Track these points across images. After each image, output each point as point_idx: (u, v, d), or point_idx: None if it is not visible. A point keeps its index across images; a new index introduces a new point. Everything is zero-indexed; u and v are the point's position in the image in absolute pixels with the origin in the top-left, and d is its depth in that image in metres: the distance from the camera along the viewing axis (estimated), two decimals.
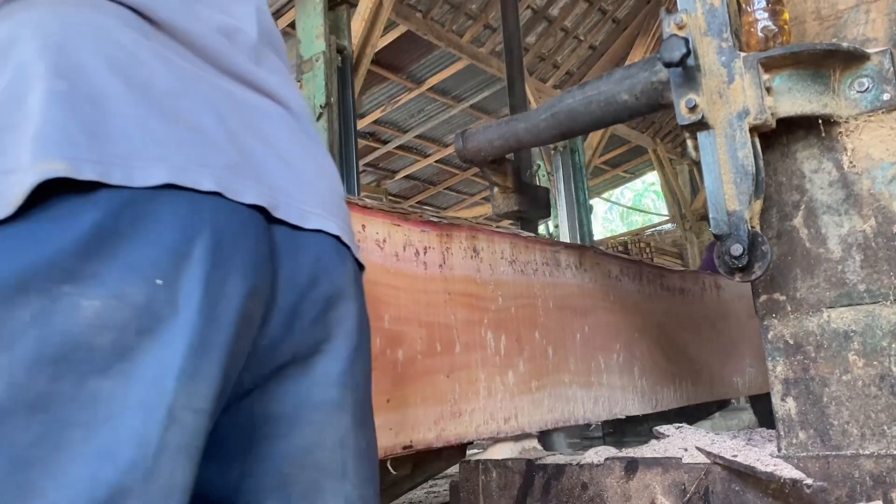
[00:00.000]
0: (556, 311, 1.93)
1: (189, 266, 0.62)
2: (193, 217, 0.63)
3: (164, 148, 0.64)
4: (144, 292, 0.59)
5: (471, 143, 1.72)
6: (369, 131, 9.72)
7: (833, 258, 1.34)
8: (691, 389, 2.59)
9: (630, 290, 2.34)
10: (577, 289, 2.06)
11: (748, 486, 1.35)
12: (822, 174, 1.36)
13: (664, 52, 1.23)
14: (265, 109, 0.80)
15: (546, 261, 1.94)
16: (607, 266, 2.23)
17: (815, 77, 1.29)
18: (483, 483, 1.69)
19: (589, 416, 2.00)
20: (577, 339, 2.01)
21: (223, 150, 0.69)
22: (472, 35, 7.86)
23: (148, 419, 0.58)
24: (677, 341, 2.56)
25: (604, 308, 2.17)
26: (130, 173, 0.61)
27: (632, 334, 2.29)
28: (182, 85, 0.70)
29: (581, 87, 1.47)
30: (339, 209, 0.83)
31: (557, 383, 1.89)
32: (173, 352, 0.60)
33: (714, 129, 1.29)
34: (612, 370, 2.14)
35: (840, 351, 1.32)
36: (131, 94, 0.65)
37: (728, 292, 3.13)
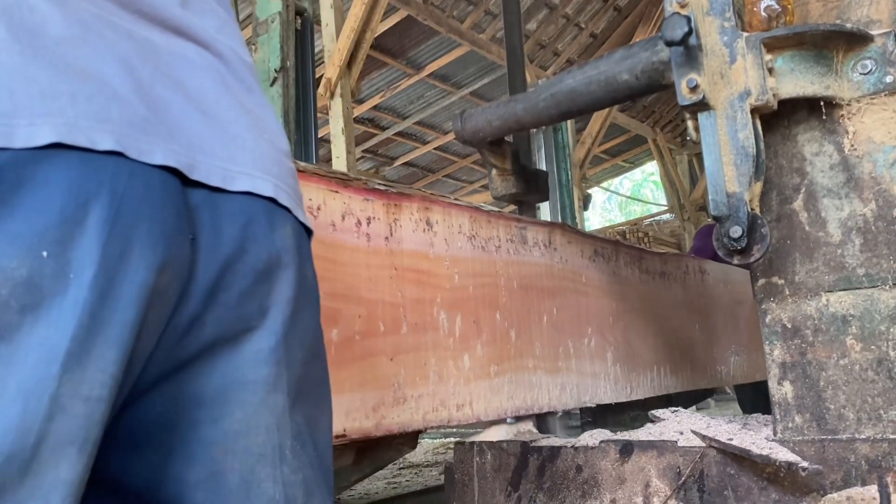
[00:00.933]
0: (520, 291, 1.81)
1: (81, 236, 0.55)
2: (87, 180, 0.56)
3: (53, 102, 0.56)
4: (28, 265, 0.52)
5: (469, 124, 1.70)
6: (368, 117, 9.69)
7: (832, 242, 1.33)
8: (670, 378, 2.50)
9: (605, 272, 2.22)
10: (545, 268, 1.93)
11: (743, 469, 1.35)
12: (822, 157, 1.35)
13: (666, 31, 1.22)
14: (188, 57, 0.72)
15: (511, 237, 1.82)
16: (580, 246, 2.12)
17: (817, 58, 1.28)
18: (478, 465, 1.69)
19: (555, 403, 1.88)
20: (543, 322, 1.88)
21: (128, 103, 0.61)
22: (473, 21, 7.83)
23: (28, 409, 0.51)
24: (656, 327, 2.46)
25: (575, 290, 2.06)
26: (11, 132, 0.54)
27: (605, 318, 2.18)
28: (81, 31, 0.62)
29: (581, 67, 1.46)
30: (278, 167, 0.75)
31: (520, 368, 1.77)
32: (59, 332, 0.53)
33: (715, 110, 1.27)
34: (582, 356, 2.03)
35: (838, 335, 1.31)
36: (16, 42, 0.57)
37: (713, 277, 3.01)
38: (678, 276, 2.68)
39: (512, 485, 1.63)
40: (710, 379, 2.83)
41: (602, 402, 2.07)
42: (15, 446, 0.51)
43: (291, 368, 0.71)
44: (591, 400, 2.03)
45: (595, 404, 2.05)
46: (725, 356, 2.96)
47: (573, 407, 1.98)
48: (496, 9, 7.96)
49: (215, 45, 0.76)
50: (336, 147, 5.59)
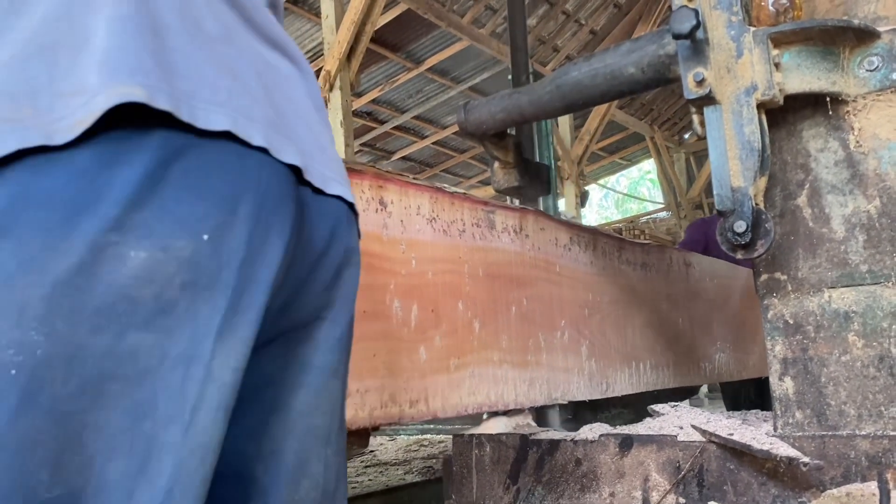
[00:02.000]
0: (486, 279, 1.70)
1: (235, 223, 0.60)
2: (242, 173, 0.61)
3: (219, 93, 0.61)
4: (191, 247, 0.57)
5: (473, 115, 1.70)
6: (367, 111, 9.67)
7: (836, 238, 1.33)
8: (650, 374, 2.39)
9: (581, 262, 2.09)
10: (515, 256, 1.81)
11: (743, 464, 1.35)
12: (827, 153, 1.35)
13: (674, 24, 1.21)
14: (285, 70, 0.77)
15: (477, 221, 1.70)
16: (554, 233, 1.99)
17: (824, 54, 1.28)
18: (476, 457, 1.69)
19: (522, 400, 1.77)
20: (511, 313, 1.77)
21: (264, 106, 0.66)
22: (473, 16, 7.81)
23: (187, 375, 0.57)
24: (635, 321, 2.35)
25: (548, 280, 1.93)
26: (195, 113, 0.58)
27: (580, 310, 2.06)
28: (226, 32, 0.67)
29: (587, 59, 1.46)
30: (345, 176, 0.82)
31: (484, 362, 1.66)
32: (214, 309, 0.59)
33: (721, 105, 1.27)
34: (553, 349, 1.91)
35: (840, 331, 1.31)
36: (186, 32, 0.61)
37: (699, 271, 2.90)
38: (661, 268, 2.57)
39: (511, 477, 1.63)
40: (694, 376, 2.72)
41: (575, 398, 1.98)
42: (177, 409, 0.56)
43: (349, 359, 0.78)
44: (563, 396, 1.93)
45: (567, 401, 1.96)
46: (711, 352, 2.87)
47: (543, 403, 1.87)
48: (496, 4, 7.94)
49: (302, 63, 0.81)
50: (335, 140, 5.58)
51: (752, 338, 3.23)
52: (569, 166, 8.77)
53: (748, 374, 3.20)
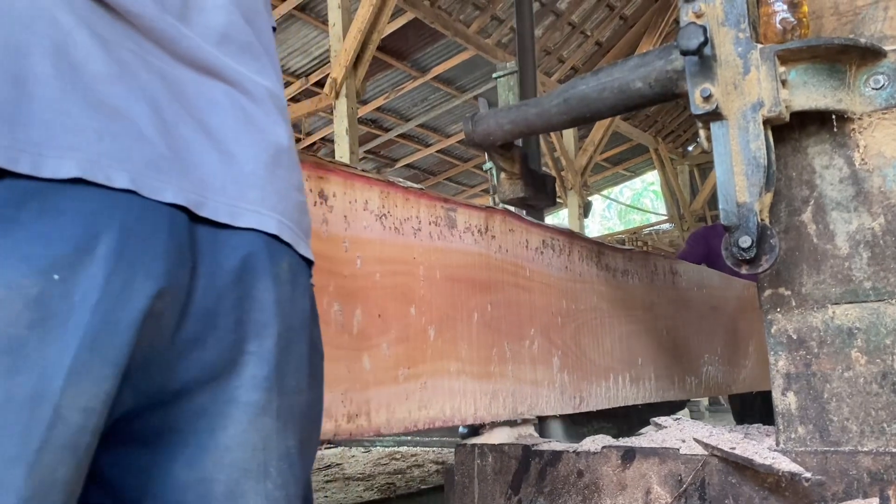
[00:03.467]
0: (445, 283, 1.58)
1: (90, 265, 0.60)
2: (101, 214, 0.61)
3: (81, 137, 0.61)
4: (39, 285, 0.57)
5: (480, 126, 1.71)
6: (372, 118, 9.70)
7: (840, 255, 1.34)
8: (629, 388, 2.25)
9: (555, 266, 1.96)
10: (479, 258, 1.68)
11: (745, 478, 1.35)
12: (832, 170, 1.35)
13: (682, 40, 1.22)
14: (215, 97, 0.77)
15: (435, 220, 1.57)
16: (524, 235, 1.86)
17: (830, 72, 1.29)
18: (478, 467, 1.69)
19: (483, 414, 1.64)
20: (473, 320, 1.64)
21: (149, 143, 0.66)
22: (479, 25, 7.85)
23: (33, 416, 0.57)
24: (615, 331, 2.22)
25: (516, 285, 1.80)
26: (39, 162, 0.59)
27: (552, 319, 1.92)
28: (118, 69, 0.66)
29: (595, 73, 1.47)
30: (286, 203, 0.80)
31: (439, 373, 1.53)
32: (64, 349, 0.58)
33: (727, 120, 1.28)
34: (521, 360, 1.78)
35: (843, 347, 1.32)
36: (59, 76, 0.62)
37: (686, 280, 2.74)
38: (644, 275, 2.43)
39: (512, 488, 1.63)
40: (679, 390, 2.58)
41: (544, 413, 1.85)
42: (22, 449, 0.56)
43: (283, 395, 0.77)
44: (530, 411, 1.80)
45: (534, 416, 1.82)
46: (697, 366, 2.72)
47: (507, 418, 1.74)
48: (503, 14, 7.98)
49: (244, 83, 0.80)
50: (339, 147, 5.60)
51: (743, 351, 3.14)
52: (572, 177, 8.79)
53: (738, 389, 3.12)
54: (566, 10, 8.48)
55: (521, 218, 1.87)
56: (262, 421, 0.75)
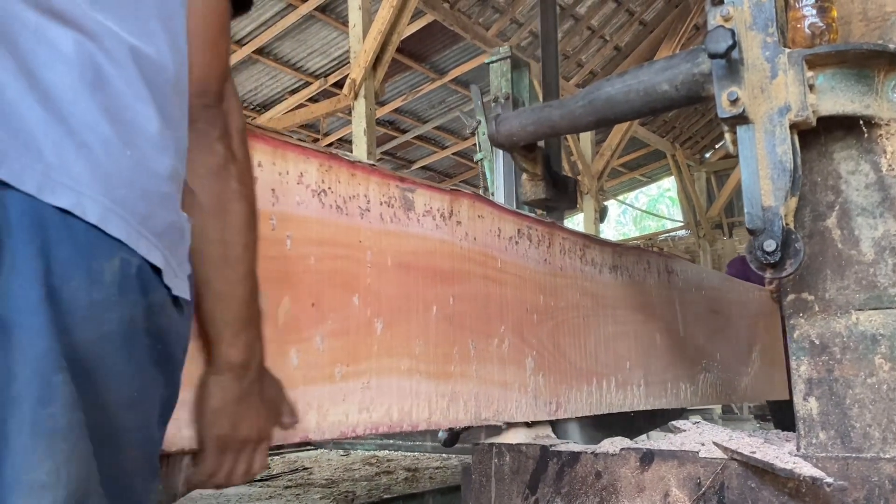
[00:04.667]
0: (398, 271, 1.43)
1: None
2: None
3: None
4: None
5: (504, 126, 1.72)
6: (389, 120, 9.73)
7: (865, 260, 1.33)
8: (615, 393, 2.07)
9: (531, 258, 1.80)
10: (441, 245, 1.53)
11: (765, 483, 1.35)
12: (858, 176, 1.35)
13: (710, 43, 1.23)
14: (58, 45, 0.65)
15: (388, 200, 1.42)
16: (497, 222, 1.70)
17: (858, 77, 1.29)
18: (496, 466, 1.70)
19: (438, 418, 1.48)
20: (432, 314, 1.49)
21: None
22: (499, 28, 7.85)
23: None
24: (600, 331, 2.05)
25: (485, 276, 1.64)
26: None
27: (527, 315, 1.77)
28: None
29: (621, 75, 1.47)
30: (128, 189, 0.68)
31: (387, 371, 1.38)
32: None
33: (754, 124, 1.28)
34: (488, 360, 1.63)
35: (866, 353, 1.31)
36: None
37: (683, 279, 2.53)
38: (636, 272, 2.26)
39: (530, 488, 1.64)
40: (671, 398, 2.37)
41: (514, 419, 1.70)
42: None
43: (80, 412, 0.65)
44: (497, 417, 1.64)
45: (502, 422, 1.67)
46: (693, 372, 2.52)
47: (468, 424, 1.59)
48: (522, 17, 7.98)
49: (103, 39, 0.69)
50: (357, 148, 5.63)
51: (746, 358, 2.99)
52: (589, 181, 8.77)
53: (738, 399, 3.01)
54: (586, 15, 8.47)
55: (492, 203, 1.72)
56: None
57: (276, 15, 7.30)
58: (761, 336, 3.20)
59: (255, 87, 8.46)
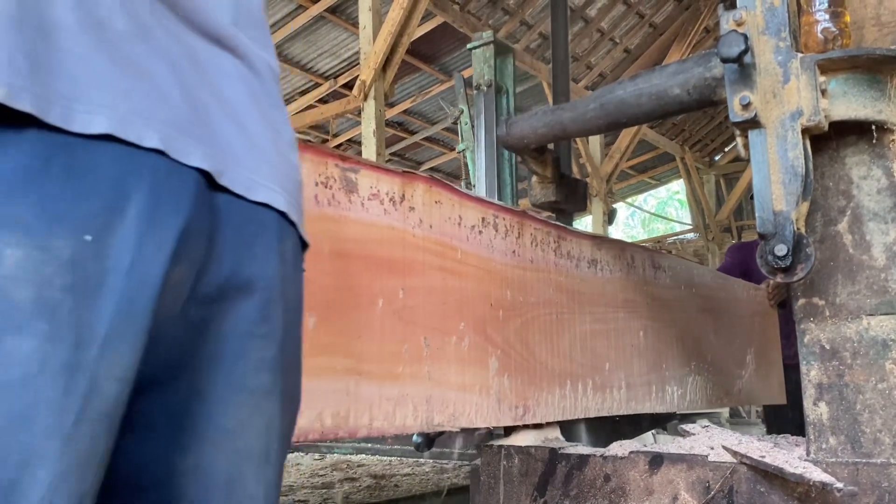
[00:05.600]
0: (336, 260, 1.32)
1: (121, 225, 0.57)
2: (132, 174, 0.58)
3: (110, 94, 0.58)
4: (72, 246, 0.54)
5: (514, 129, 1.72)
6: (398, 121, 9.75)
7: (876, 266, 1.33)
8: (592, 397, 1.94)
9: (497, 250, 1.67)
10: (389, 233, 1.43)
11: (774, 487, 1.35)
12: (870, 181, 1.35)
13: (722, 48, 1.23)
14: (226, 68, 0.74)
15: (325, 181, 1.32)
16: (457, 209, 1.59)
17: (871, 82, 1.29)
18: (504, 468, 1.70)
19: (382, 424, 1.37)
20: (377, 308, 1.39)
21: (174, 104, 0.64)
22: (508, 30, 7.86)
23: (69, 385, 0.53)
24: (575, 329, 1.92)
25: (442, 268, 1.52)
26: (70, 115, 0.55)
27: (492, 312, 1.64)
28: (139, 29, 0.64)
29: (632, 78, 1.48)
30: (291, 183, 0.78)
31: (319, 372, 1.29)
32: (99, 316, 0.55)
33: (766, 129, 1.28)
34: (445, 359, 1.51)
35: (877, 359, 1.31)
36: (84, 31, 0.59)
37: (671, 276, 2.37)
38: (618, 267, 2.12)
39: (538, 490, 1.64)
40: (657, 401, 2.24)
41: (473, 424, 1.58)
42: (58, 420, 0.53)
43: (286, 376, 0.75)
44: (453, 422, 1.52)
45: (458, 428, 1.56)
46: (681, 374, 2.38)
47: (419, 430, 1.48)
48: (532, 20, 7.98)
49: (251, 57, 0.77)
50: (366, 149, 5.64)
51: (740, 360, 2.88)
52: (597, 184, 8.77)
53: (731, 403, 2.83)
54: (595, 17, 8.46)
55: (451, 188, 1.60)
56: (268, 404, 0.72)
57: (286, 16, 7.33)
58: (757, 337, 3.07)
59: None
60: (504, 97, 3.02)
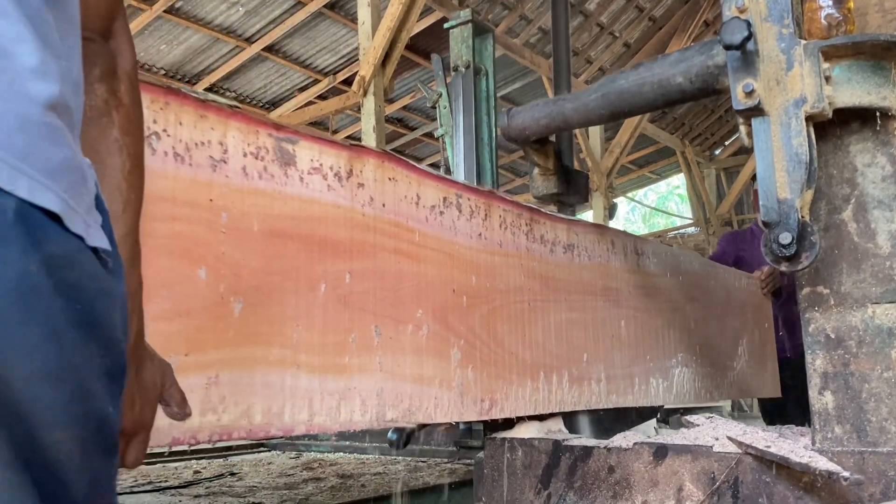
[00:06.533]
0: (268, 239, 1.18)
1: None
2: None
3: None
4: None
5: (516, 121, 1.71)
6: (398, 117, 9.73)
7: (881, 254, 1.32)
8: (567, 390, 1.81)
9: (461, 232, 1.56)
10: (334, 211, 1.29)
11: (779, 477, 1.34)
12: (874, 168, 1.34)
13: (725, 35, 1.22)
14: None
15: (255, 151, 1.17)
16: (414, 188, 1.46)
17: (875, 69, 1.28)
18: (508, 461, 1.70)
19: (324, 421, 1.24)
20: (318, 293, 1.24)
21: None
22: (507, 25, 7.84)
23: None
24: (550, 318, 1.80)
25: (397, 251, 1.41)
26: None
27: (454, 298, 1.52)
28: None
29: (635, 68, 1.47)
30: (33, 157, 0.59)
31: (249, 363, 1.14)
32: None
33: (769, 116, 1.28)
34: (399, 350, 1.39)
35: (883, 347, 1.30)
36: None
37: (655, 263, 2.23)
38: (597, 252, 1.99)
39: (542, 482, 1.63)
40: (639, 394, 2.11)
41: (431, 419, 1.47)
42: None
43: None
44: (409, 417, 1.40)
45: (415, 423, 1.44)
46: (667, 366, 2.25)
47: (368, 427, 1.34)
48: (531, 14, 7.96)
49: None
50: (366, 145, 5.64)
51: (731, 352, 2.74)
52: (598, 178, 8.75)
53: (721, 396, 2.71)
54: (595, 11, 8.44)
55: (408, 164, 1.46)
56: None
57: (284, 13, 7.31)
58: (750, 327, 2.96)
59: (265, 84, 8.48)
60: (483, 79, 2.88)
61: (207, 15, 7.17)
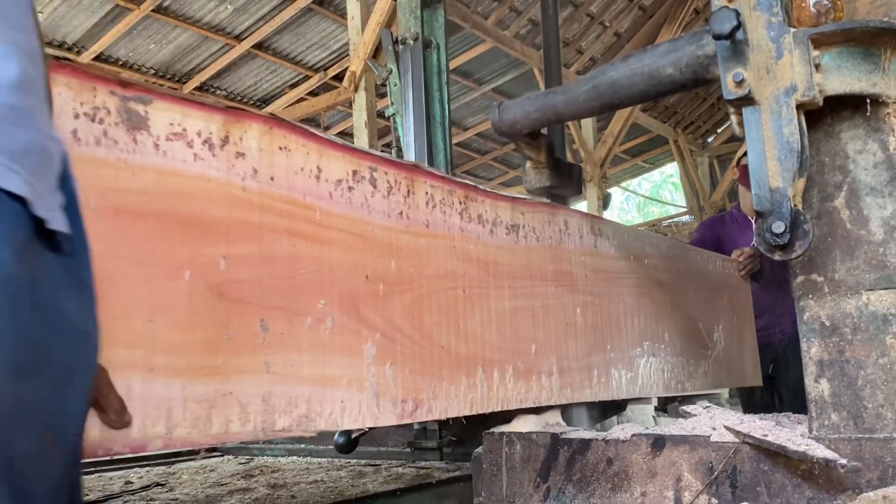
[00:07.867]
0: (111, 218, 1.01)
1: None
2: None
3: None
4: None
5: (507, 114, 1.71)
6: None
7: (874, 240, 1.32)
8: (513, 385, 1.66)
9: (376, 211, 1.39)
10: (203, 185, 1.12)
11: (777, 465, 1.35)
12: (866, 155, 1.34)
13: (714, 24, 1.22)
14: None
15: (91, 112, 0.99)
16: (314, 159, 1.29)
17: (865, 56, 1.28)
18: (506, 455, 1.70)
19: (189, 433, 1.06)
20: (182, 282, 1.07)
21: None
22: (498, 17, 7.82)
23: None
24: (490, 306, 1.63)
25: (292, 231, 1.23)
26: None
27: (368, 286, 1.35)
28: None
29: (624, 59, 1.46)
30: None
31: None
32: None
33: (760, 105, 1.27)
34: (295, 347, 1.22)
35: (878, 334, 1.30)
36: None
37: (616, 246, 2.07)
38: (548, 233, 1.82)
39: (541, 476, 1.64)
40: (599, 387, 1.94)
41: (338, 426, 1.30)
42: None
43: None
44: (307, 424, 1.22)
45: (315, 431, 1.24)
46: (631, 356, 2.08)
47: (252, 438, 1.16)
48: (521, 6, 7.95)
49: None
50: (359, 140, 5.62)
51: (704, 340, 2.53)
52: (591, 168, 8.75)
53: (693, 388, 2.46)
54: (585, 1, 8.43)
55: (304, 131, 1.28)
56: None
57: (273, 9, 7.28)
58: (726, 313, 2.76)
59: (255, 82, 8.44)
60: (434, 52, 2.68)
61: (196, 13, 7.13)
